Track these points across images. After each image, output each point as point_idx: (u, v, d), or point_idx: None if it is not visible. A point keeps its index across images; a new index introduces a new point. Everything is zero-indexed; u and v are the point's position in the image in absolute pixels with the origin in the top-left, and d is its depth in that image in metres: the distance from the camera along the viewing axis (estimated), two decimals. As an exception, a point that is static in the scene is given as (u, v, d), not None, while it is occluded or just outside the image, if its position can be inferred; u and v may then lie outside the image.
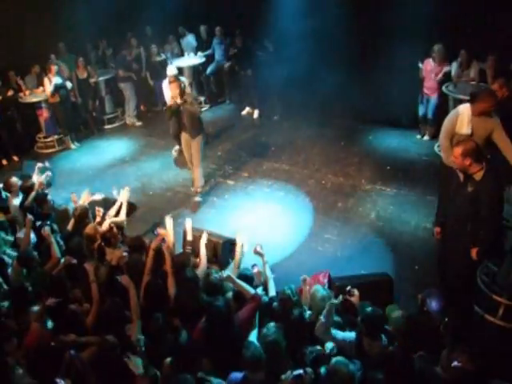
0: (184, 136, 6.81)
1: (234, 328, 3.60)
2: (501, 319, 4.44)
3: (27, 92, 9.04)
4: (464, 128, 4.96)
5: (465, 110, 5.01)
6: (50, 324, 3.77)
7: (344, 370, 3.01)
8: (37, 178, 6.16)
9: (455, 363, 3.06)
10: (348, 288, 3.89)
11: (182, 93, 6.46)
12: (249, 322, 3.74)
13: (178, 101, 6.42)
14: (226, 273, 4.12)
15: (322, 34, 8.80)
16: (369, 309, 3.58)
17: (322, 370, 3.21)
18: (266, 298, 3.97)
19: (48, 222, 5.18)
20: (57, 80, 8.71)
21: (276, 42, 9.63)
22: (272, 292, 4.10)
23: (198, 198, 7.04)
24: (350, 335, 3.61)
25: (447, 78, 7.83)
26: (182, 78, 7.22)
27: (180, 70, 10.37)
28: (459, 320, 4.25)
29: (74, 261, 4.48)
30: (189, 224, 5.02)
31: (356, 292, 3.87)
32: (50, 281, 4.21)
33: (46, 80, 8.66)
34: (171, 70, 7.21)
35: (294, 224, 6.44)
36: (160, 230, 4.83)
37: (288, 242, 6.03)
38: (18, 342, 3.53)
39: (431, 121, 8.09)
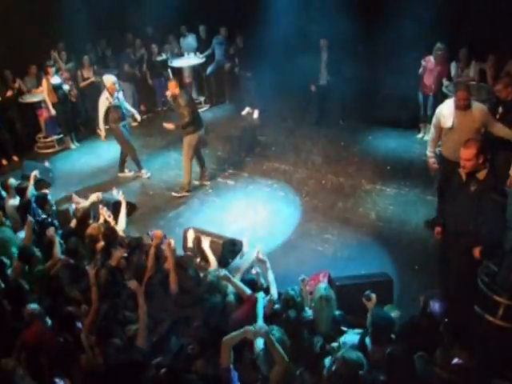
0: None
1: (228, 328, 3.60)
2: (501, 319, 4.44)
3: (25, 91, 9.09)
4: (447, 122, 5.14)
5: (445, 104, 5.21)
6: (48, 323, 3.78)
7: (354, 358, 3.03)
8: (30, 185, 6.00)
9: (456, 360, 3.06)
10: (367, 292, 3.83)
11: None
12: (244, 322, 3.74)
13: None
14: (223, 271, 4.12)
15: (323, 35, 8.79)
16: (380, 314, 3.57)
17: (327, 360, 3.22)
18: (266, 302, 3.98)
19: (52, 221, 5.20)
20: (55, 80, 8.73)
21: (276, 41, 9.61)
22: (274, 296, 4.10)
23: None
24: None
25: (448, 77, 7.84)
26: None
27: (180, 70, 10.46)
28: (459, 320, 4.26)
29: (71, 261, 4.49)
30: (191, 233, 5.04)
31: (374, 297, 3.80)
32: (48, 280, 4.22)
33: (44, 81, 8.67)
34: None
35: (294, 224, 6.44)
36: (155, 231, 4.82)
37: (288, 242, 6.04)
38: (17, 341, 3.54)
39: (430, 120, 8.07)
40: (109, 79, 7.52)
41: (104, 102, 7.48)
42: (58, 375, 3.16)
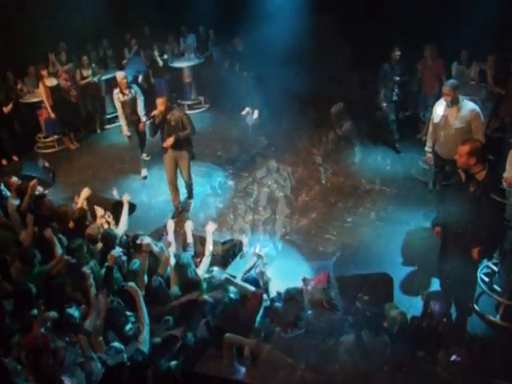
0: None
1: (238, 323, 3.64)
2: (501, 319, 4.45)
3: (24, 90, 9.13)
4: (436, 118, 5.35)
5: (440, 101, 5.39)
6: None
7: None
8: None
9: (454, 357, 3.07)
10: (359, 295, 3.86)
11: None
12: (252, 318, 3.77)
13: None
14: (224, 275, 4.15)
15: (321, 34, 8.80)
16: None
17: None
18: (266, 299, 3.99)
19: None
20: (51, 82, 8.75)
21: (276, 41, 9.62)
22: (272, 293, 4.12)
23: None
24: None
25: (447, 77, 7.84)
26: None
27: (180, 70, 10.47)
28: (459, 320, 4.27)
29: (73, 260, 4.48)
30: (188, 226, 5.04)
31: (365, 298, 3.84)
32: (49, 280, 4.21)
33: (40, 85, 8.71)
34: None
35: (293, 224, 6.44)
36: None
37: (288, 242, 6.04)
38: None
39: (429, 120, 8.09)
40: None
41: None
42: (65, 374, 3.16)
